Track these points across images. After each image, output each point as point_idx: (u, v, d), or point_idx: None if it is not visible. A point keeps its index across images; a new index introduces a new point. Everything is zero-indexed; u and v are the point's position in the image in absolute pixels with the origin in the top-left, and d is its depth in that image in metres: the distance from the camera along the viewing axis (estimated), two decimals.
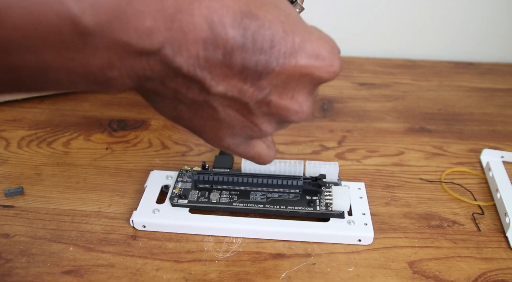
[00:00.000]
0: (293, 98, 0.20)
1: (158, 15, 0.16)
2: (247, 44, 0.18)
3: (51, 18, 0.14)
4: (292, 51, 0.19)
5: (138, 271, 0.31)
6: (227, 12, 0.17)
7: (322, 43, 0.20)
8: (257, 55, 0.18)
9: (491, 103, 0.53)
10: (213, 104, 0.20)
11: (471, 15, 0.62)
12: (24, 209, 0.36)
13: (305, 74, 0.20)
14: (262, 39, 0.18)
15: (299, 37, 0.19)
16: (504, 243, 0.34)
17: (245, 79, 0.19)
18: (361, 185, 0.38)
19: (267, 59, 0.18)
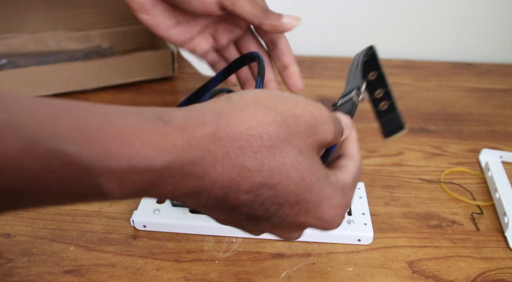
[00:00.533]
0: (284, 233, 0.23)
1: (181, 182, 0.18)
2: (255, 206, 0.19)
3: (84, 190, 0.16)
4: (296, 214, 0.20)
5: (138, 271, 0.31)
6: (245, 183, 0.18)
7: (330, 211, 0.21)
8: (262, 212, 0.20)
9: (490, 103, 0.53)
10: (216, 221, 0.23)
11: (470, 16, 0.62)
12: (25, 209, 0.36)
13: (302, 226, 0.22)
14: (271, 203, 0.19)
15: (309, 205, 0.20)
16: (503, 242, 0.34)
17: (245, 221, 0.21)
18: (360, 185, 0.38)
19: (269, 216, 0.20)
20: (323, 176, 0.21)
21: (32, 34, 0.56)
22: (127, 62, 0.52)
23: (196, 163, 0.18)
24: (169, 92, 0.54)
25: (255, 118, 0.19)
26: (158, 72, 0.54)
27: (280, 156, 0.19)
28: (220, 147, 0.18)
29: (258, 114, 0.19)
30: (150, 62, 0.53)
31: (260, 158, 0.18)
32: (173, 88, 0.54)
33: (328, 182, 0.21)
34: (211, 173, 0.18)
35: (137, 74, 0.53)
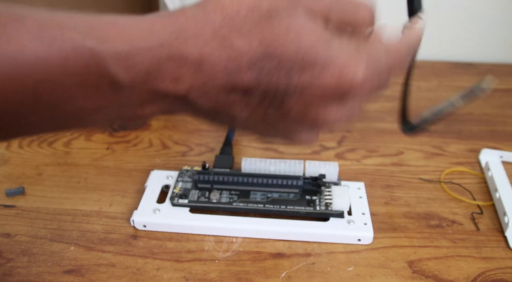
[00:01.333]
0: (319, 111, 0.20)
1: (183, 66, 0.18)
2: (263, 80, 0.19)
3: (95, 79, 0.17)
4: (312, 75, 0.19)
5: (138, 271, 0.31)
6: (243, 57, 0.18)
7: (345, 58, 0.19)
8: (274, 86, 0.19)
9: (490, 103, 0.53)
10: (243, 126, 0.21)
11: (471, 16, 0.62)
12: (25, 209, 0.36)
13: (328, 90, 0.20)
14: (278, 73, 0.19)
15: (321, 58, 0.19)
16: (503, 242, 0.34)
17: (266, 106, 0.20)
18: (360, 184, 0.38)
19: (285, 88, 0.19)
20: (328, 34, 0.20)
21: None
22: None
23: (188, 44, 0.18)
24: None
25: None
26: None
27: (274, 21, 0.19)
28: (208, 27, 0.18)
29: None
30: None
31: (253, 29, 0.19)
32: None
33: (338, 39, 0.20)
34: (206, 56, 0.18)
35: None
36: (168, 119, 0.48)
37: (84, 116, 0.19)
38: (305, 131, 0.22)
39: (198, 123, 0.48)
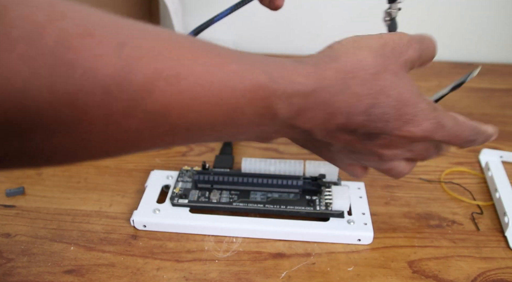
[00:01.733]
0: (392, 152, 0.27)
1: (319, 109, 0.23)
2: (368, 125, 0.24)
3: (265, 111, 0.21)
4: (399, 125, 0.25)
5: (138, 271, 0.31)
6: (360, 105, 0.24)
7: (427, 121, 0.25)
8: (373, 129, 0.25)
9: (490, 103, 0.53)
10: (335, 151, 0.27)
11: (470, 15, 0.62)
12: (25, 209, 0.36)
13: (409, 139, 0.26)
14: (380, 120, 0.24)
15: (408, 115, 0.25)
16: (503, 242, 0.34)
17: (359, 141, 0.25)
18: (360, 184, 0.38)
19: (379, 132, 0.25)
20: (417, 92, 0.25)
21: None
22: None
23: (326, 91, 0.23)
24: None
25: (357, 56, 0.24)
26: None
27: (381, 80, 0.24)
28: (340, 80, 0.23)
29: (359, 53, 0.24)
30: None
31: (368, 85, 0.24)
32: None
33: (422, 98, 0.25)
34: (336, 100, 0.23)
35: None
36: None
37: (235, 136, 0.23)
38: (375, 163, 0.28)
39: None
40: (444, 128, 0.27)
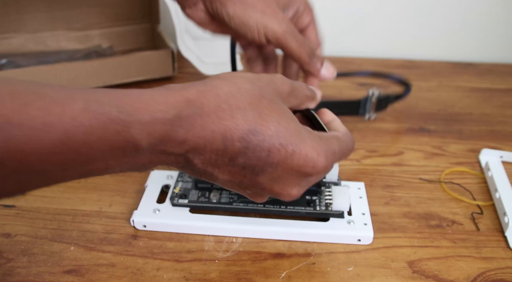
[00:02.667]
0: (283, 188, 0.26)
1: (190, 134, 0.23)
2: (248, 153, 0.24)
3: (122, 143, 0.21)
4: (284, 158, 0.24)
5: (138, 271, 0.31)
6: (237, 130, 0.23)
7: (309, 149, 0.25)
8: (255, 161, 0.24)
9: (490, 103, 0.53)
10: (220, 183, 0.26)
11: (470, 15, 0.62)
12: (25, 209, 0.36)
13: (293, 172, 0.25)
14: (260, 149, 0.24)
15: (291, 147, 0.24)
16: (503, 242, 0.34)
17: (244, 175, 0.25)
18: (360, 185, 0.38)
19: (263, 164, 0.24)
20: (297, 122, 0.25)
21: (32, 34, 0.56)
22: (127, 62, 0.52)
23: (196, 114, 0.23)
24: None
25: (234, 83, 0.25)
26: (158, 72, 0.54)
27: (258, 106, 0.24)
28: (212, 102, 0.23)
29: (235, 80, 0.25)
30: (150, 62, 0.53)
31: (244, 110, 0.24)
32: None
33: (305, 129, 0.26)
34: (210, 125, 0.23)
35: (137, 74, 0.53)
36: None
37: (106, 171, 0.23)
38: (263, 196, 0.28)
39: None
40: (335, 154, 0.27)
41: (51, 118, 0.19)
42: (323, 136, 0.27)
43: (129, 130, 0.21)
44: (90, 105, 0.20)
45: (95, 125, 0.20)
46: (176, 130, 0.22)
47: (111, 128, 0.21)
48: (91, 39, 0.58)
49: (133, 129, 0.21)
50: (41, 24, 0.56)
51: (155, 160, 0.23)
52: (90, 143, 0.20)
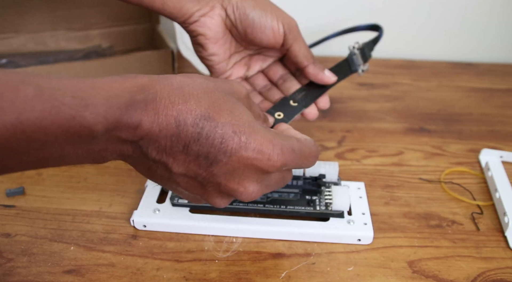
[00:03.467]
0: (239, 183, 0.25)
1: (144, 118, 0.23)
2: (201, 139, 0.24)
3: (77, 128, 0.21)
4: (238, 147, 0.24)
5: (138, 271, 0.31)
6: (190, 114, 0.24)
7: (264, 141, 0.25)
8: (209, 148, 0.24)
9: (490, 103, 0.53)
10: (176, 180, 0.26)
11: (470, 16, 0.62)
12: (25, 209, 0.36)
13: (248, 165, 0.25)
14: (213, 136, 0.24)
15: (245, 136, 0.24)
16: (503, 242, 0.34)
17: (199, 165, 0.24)
18: (360, 185, 0.38)
19: (217, 152, 0.24)
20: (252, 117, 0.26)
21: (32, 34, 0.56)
22: (127, 62, 0.52)
23: (149, 99, 0.23)
24: None
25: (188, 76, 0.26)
26: (158, 72, 0.54)
27: (211, 96, 0.25)
28: (165, 88, 0.24)
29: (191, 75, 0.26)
30: (150, 61, 0.53)
31: (197, 97, 0.24)
32: None
33: (260, 124, 0.26)
34: (162, 107, 0.23)
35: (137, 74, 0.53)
36: None
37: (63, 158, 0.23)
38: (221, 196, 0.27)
39: None
40: (294, 152, 0.26)
41: (2, 102, 0.19)
42: (281, 133, 0.27)
43: (83, 114, 0.21)
44: (44, 91, 0.20)
45: (48, 110, 0.20)
46: (130, 114, 0.23)
47: (65, 113, 0.21)
48: (91, 39, 0.58)
49: (88, 114, 0.21)
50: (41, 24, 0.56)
51: (111, 148, 0.23)
52: (44, 128, 0.20)
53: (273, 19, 0.34)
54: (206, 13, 0.34)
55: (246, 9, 0.34)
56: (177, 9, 0.33)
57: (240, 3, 0.34)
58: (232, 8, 0.34)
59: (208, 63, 0.37)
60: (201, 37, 0.35)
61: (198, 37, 0.35)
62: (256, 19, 0.34)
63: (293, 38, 0.35)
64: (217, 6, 0.34)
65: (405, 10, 0.63)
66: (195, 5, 0.34)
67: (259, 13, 0.34)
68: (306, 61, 0.37)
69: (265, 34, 0.35)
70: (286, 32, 0.35)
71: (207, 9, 0.34)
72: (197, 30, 0.35)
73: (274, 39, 0.35)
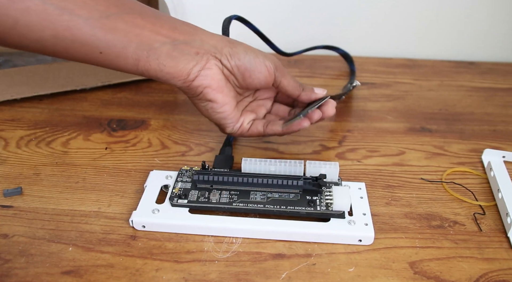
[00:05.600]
0: None
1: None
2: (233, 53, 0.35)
3: None
4: None
5: (137, 271, 0.30)
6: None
7: None
8: None
9: (492, 102, 0.53)
10: None
11: (472, 14, 0.62)
12: (23, 209, 0.35)
13: None
14: None
15: None
16: (505, 243, 0.34)
17: None
18: (361, 185, 0.37)
19: None
20: None
21: None
22: None
23: None
24: (169, 91, 0.53)
25: None
26: None
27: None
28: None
29: None
30: None
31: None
32: (172, 87, 0.54)
33: None
34: None
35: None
36: (167, 119, 0.48)
37: None
38: None
39: (198, 123, 0.47)
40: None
41: None
42: None
43: None
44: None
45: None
46: None
47: None
48: None
49: None
50: None
51: None
52: None
53: (264, 59, 0.37)
54: (204, 66, 0.35)
55: (239, 55, 0.36)
56: (173, 68, 0.34)
57: (232, 51, 0.36)
58: (226, 58, 0.36)
59: (221, 116, 0.38)
60: (207, 90, 0.36)
61: (204, 91, 0.36)
62: (252, 62, 0.36)
63: (281, 74, 0.38)
64: (211, 58, 0.35)
65: (407, 8, 0.62)
66: (190, 62, 0.34)
67: (252, 56, 0.36)
68: (297, 92, 0.40)
69: (262, 73, 0.37)
70: (274, 70, 0.37)
71: (203, 63, 0.35)
72: (202, 84, 0.35)
73: (269, 78, 0.37)
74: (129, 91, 0.53)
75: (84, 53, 0.32)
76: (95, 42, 0.32)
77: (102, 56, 0.33)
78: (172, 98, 0.52)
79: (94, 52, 0.32)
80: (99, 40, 0.32)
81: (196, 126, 0.47)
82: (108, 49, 0.32)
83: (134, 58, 0.33)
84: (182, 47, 0.34)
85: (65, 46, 0.32)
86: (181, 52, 0.34)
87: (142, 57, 0.33)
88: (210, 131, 0.46)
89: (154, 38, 0.33)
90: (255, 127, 0.40)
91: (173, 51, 0.34)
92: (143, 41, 0.33)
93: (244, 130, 0.40)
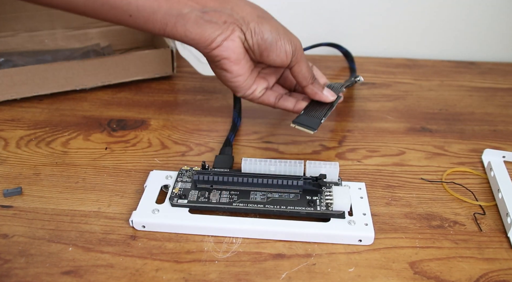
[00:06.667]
0: None
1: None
2: None
3: None
4: None
5: (137, 272, 0.30)
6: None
7: None
8: None
9: (492, 102, 0.53)
10: None
11: (472, 14, 0.62)
12: (23, 209, 0.35)
13: None
14: None
15: None
16: (505, 243, 0.34)
17: None
18: (361, 185, 0.37)
19: None
20: None
21: (30, 33, 0.56)
22: (126, 61, 0.51)
23: None
24: (169, 91, 0.53)
25: None
26: (157, 71, 0.54)
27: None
28: None
29: None
30: (149, 60, 0.52)
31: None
32: (172, 87, 0.54)
33: None
34: None
35: (136, 73, 0.53)
36: (167, 119, 0.48)
37: None
38: None
39: (198, 123, 0.47)
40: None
41: None
42: None
43: None
44: None
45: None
46: None
47: None
48: (90, 38, 0.58)
49: None
50: (39, 23, 0.55)
51: None
52: None
53: (286, 41, 0.37)
54: (227, 36, 0.35)
55: (264, 34, 0.36)
56: (199, 35, 0.34)
57: (257, 28, 0.36)
58: (250, 33, 0.36)
59: (234, 85, 0.38)
60: (225, 61, 0.36)
61: (222, 61, 0.36)
62: (273, 43, 0.36)
63: (296, 60, 0.38)
64: (236, 29, 0.35)
65: (407, 9, 0.62)
66: (216, 30, 0.34)
67: (275, 37, 0.36)
68: (304, 82, 0.40)
69: (279, 56, 0.37)
70: (292, 55, 0.37)
71: (228, 33, 0.35)
72: (221, 54, 0.36)
73: (286, 60, 0.37)
74: (129, 91, 0.52)
75: (113, 15, 0.32)
76: (125, 6, 0.32)
77: (131, 19, 0.32)
78: (172, 98, 0.52)
79: (124, 15, 0.32)
80: (130, 3, 0.32)
81: (196, 126, 0.47)
82: (138, 13, 0.32)
83: (163, 22, 0.33)
84: (211, 14, 0.34)
85: (95, 7, 0.31)
86: (209, 20, 0.34)
87: (170, 22, 0.33)
88: (210, 131, 0.46)
89: (184, 4, 0.33)
90: (267, 97, 0.41)
91: (201, 19, 0.34)
92: (173, 7, 0.33)
93: (255, 97, 0.41)
